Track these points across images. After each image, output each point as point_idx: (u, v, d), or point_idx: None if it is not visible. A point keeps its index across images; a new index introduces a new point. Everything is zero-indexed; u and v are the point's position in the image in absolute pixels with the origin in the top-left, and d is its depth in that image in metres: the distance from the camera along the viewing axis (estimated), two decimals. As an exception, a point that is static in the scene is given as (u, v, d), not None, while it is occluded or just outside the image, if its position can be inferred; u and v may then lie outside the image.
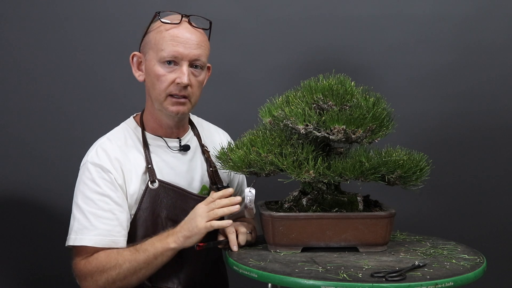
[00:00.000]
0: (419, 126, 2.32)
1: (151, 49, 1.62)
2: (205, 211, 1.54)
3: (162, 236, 1.56)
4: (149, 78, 1.64)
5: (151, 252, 1.54)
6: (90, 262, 1.56)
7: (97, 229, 1.57)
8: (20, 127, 2.32)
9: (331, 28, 2.32)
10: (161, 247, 1.54)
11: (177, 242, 1.53)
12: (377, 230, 1.49)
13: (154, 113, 1.68)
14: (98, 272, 1.55)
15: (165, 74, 1.60)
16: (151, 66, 1.62)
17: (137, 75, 1.68)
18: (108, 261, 1.54)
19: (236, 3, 2.32)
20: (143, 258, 1.54)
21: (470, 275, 1.34)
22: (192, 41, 1.60)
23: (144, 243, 1.56)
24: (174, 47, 1.58)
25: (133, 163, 1.64)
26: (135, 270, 1.54)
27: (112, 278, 1.54)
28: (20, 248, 2.33)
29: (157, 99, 1.63)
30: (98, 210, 1.58)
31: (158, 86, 1.61)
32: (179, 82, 1.59)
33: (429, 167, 1.52)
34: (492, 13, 2.30)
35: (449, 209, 2.35)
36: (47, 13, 2.30)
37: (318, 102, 1.50)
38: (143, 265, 1.54)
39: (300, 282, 1.28)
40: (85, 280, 1.57)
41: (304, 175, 1.44)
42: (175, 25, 1.60)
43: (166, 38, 1.59)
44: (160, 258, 1.54)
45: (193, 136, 1.79)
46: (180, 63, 1.60)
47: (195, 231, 1.52)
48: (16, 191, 2.32)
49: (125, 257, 1.54)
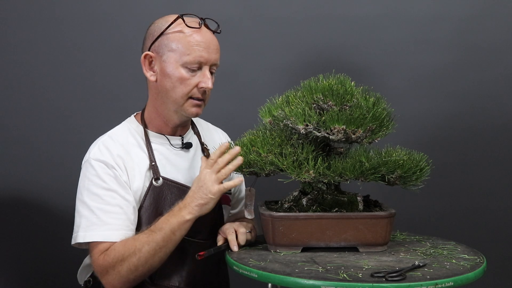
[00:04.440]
0: (419, 126, 2.32)
1: (172, 52, 1.61)
2: (212, 174, 1.54)
3: (174, 211, 1.55)
4: (168, 80, 1.63)
5: (167, 229, 1.53)
6: (109, 255, 1.55)
7: (106, 224, 1.56)
8: (20, 127, 2.32)
9: (331, 28, 2.32)
10: (177, 222, 1.53)
11: (192, 212, 1.53)
12: (377, 230, 1.49)
13: (163, 112, 1.68)
14: (119, 262, 1.53)
15: (189, 78, 1.62)
16: (173, 69, 1.62)
17: (148, 75, 1.67)
18: (126, 249, 1.53)
19: (236, 3, 2.32)
20: (160, 236, 1.53)
21: (470, 275, 1.34)
22: (213, 46, 1.63)
23: (158, 222, 1.55)
24: (201, 52, 1.60)
25: (135, 160, 1.65)
26: (155, 251, 1.53)
27: (134, 265, 1.53)
28: (20, 248, 2.33)
29: (176, 101, 1.64)
30: (105, 205, 1.57)
31: (181, 89, 1.62)
32: (203, 87, 1.62)
33: (429, 167, 1.52)
34: (492, 13, 2.30)
35: (449, 209, 2.35)
36: (47, 13, 2.31)
37: (318, 102, 1.50)
38: (162, 244, 1.53)
39: (300, 282, 1.28)
40: (107, 274, 1.55)
41: (304, 175, 1.44)
42: (197, 30, 1.61)
43: (192, 43, 1.60)
44: (178, 233, 1.54)
45: (193, 134, 1.80)
46: (203, 67, 1.62)
47: (209, 196, 1.53)
48: (16, 191, 2.32)
49: (142, 240, 1.54)
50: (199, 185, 1.55)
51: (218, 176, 1.53)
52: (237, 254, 1.51)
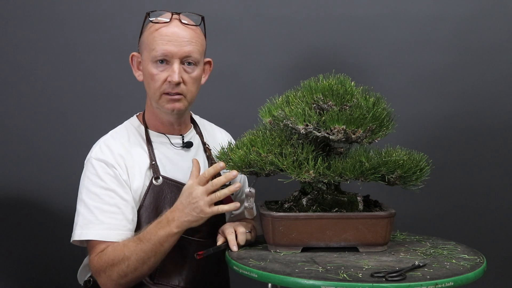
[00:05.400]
0: (419, 126, 2.32)
1: (145, 49, 1.65)
2: (204, 194, 1.51)
3: (162, 223, 1.54)
4: (145, 78, 1.68)
5: (155, 240, 1.53)
6: (101, 258, 1.56)
7: (102, 223, 1.57)
8: (20, 127, 2.32)
9: (331, 28, 2.32)
10: (165, 234, 1.53)
11: (180, 227, 1.53)
12: (377, 230, 1.49)
13: (154, 111, 1.71)
14: (109, 266, 1.55)
15: (158, 73, 1.63)
16: (145, 66, 1.65)
17: (137, 75, 1.72)
18: (116, 254, 1.54)
19: (236, 3, 2.32)
20: (148, 247, 1.53)
21: (470, 275, 1.34)
22: (182, 39, 1.62)
23: (146, 232, 1.55)
24: (164, 45, 1.60)
25: (136, 159, 1.66)
26: (143, 260, 1.54)
27: (123, 271, 1.54)
28: (20, 248, 2.33)
29: (153, 98, 1.67)
30: (103, 204, 1.58)
31: (153, 85, 1.64)
32: (170, 80, 1.62)
33: (429, 167, 1.52)
34: (492, 13, 2.30)
35: (449, 209, 2.35)
36: (47, 13, 2.30)
37: (318, 102, 1.50)
38: (151, 254, 1.54)
39: (300, 282, 1.28)
40: (100, 276, 1.58)
41: (304, 175, 1.44)
42: (165, 24, 1.63)
43: (156, 38, 1.61)
44: (166, 244, 1.54)
45: (195, 134, 1.80)
46: (171, 61, 1.62)
47: (201, 216, 1.52)
48: (16, 190, 2.32)
49: (130, 248, 1.54)
50: (190, 202, 1.52)
51: (211, 198, 1.51)
52: (237, 254, 1.51)
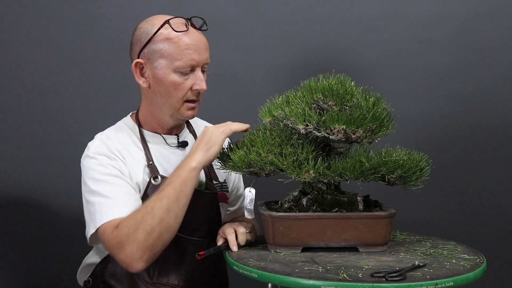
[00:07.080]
0: (419, 126, 2.32)
1: (163, 58, 1.61)
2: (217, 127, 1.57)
3: (178, 166, 1.55)
4: (161, 86, 1.63)
5: (176, 182, 1.51)
6: (120, 229, 1.50)
7: (119, 201, 1.55)
8: (20, 127, 2.32)
9: (331, 28, 2.32)
10: (184, 171, 1.52)
11: (197, 159, 1.53)
12: (377, 230, 1.49)
13: (158, 116, 1.69)
14: (133, 229, 1.48)
15: (183, 82, 1.62)
16: (165, 75, 1.62)
17: (141, 82, 1.67)
18: (137, 215, 1.50)
19: (236, 3, 2.32)
20: (171, 190, 1.51)
21: (470, 275, 1.34)
22: (202, 46, 1.63)
23: (166, 181, 1.54)
24: (191, 55, 1.60)
25: (135, 155, 1.66)
26: (168, 205, 1.49)
27: (150, 225, 1.48)
28: (20, 248, 2.33)
29: (172, 106, 1.65)
30: (115, 187, 1.57)
31: (176, 94, 1.63)
32: (198, 89, 1.63)
33: (429, 167, 1.52)
34: (492, 13, 2.30)
35: (449, 209, 2.35)
36: (47, 13, 2.31)
37: (318, 102, 1.50)
38: (173, 197, 1.50)
39: (300, 282, 1.28)
40: (124, 246, 1.48)
41: (304, 175, 1.44)
42: (185, 32, 1.61)
43: (182, 47, 1.60)
44: (188, 183, 1.52)
45: (189, 133, 1.80)
46: (195, 69, 1.63)
47: (213, 139, 1.54)
48: (16, 190, 2.32)
49: (153, 199, 1.51)
50: (202, 136, 1.56)
51: (224, 129, 1.55)
52: (237, 254, 1.51)
